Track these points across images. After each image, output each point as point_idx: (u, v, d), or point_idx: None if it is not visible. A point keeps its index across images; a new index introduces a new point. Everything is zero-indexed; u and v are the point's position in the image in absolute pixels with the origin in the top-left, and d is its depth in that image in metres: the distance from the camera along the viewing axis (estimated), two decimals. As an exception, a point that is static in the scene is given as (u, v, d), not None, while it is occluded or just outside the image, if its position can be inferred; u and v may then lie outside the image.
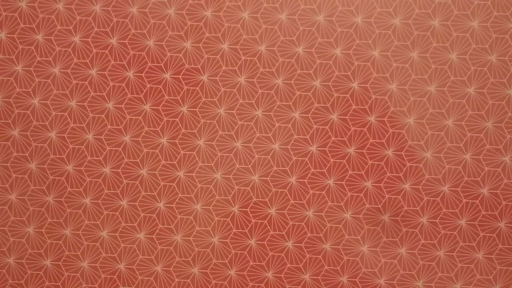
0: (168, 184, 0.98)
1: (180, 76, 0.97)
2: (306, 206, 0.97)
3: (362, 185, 0.96)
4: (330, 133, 0.96)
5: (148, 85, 0.97)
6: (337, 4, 0.96)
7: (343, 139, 0.96)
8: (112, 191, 0.98)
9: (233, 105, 0.97)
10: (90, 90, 0.98)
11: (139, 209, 0.98)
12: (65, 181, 0.98)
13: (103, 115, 0.98)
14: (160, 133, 0.97)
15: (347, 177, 0.96)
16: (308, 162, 0.97)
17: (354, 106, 0.96)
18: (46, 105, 0.98)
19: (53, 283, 0.99)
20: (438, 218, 0.96)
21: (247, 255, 0.98)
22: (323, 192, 0.97)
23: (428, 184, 0.96)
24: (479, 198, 0.96)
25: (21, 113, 0.98)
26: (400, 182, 0.96)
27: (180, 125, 0.97)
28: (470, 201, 0.96)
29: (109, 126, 0.98)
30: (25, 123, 0.98)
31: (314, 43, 0.96)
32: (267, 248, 0.98)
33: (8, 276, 0.99)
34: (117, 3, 0.97)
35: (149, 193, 0.98)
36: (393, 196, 0.96)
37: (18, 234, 0.99)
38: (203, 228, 0.98)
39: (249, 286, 0.98)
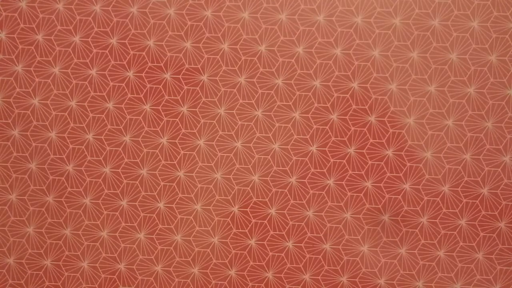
0: (168, 184, 0.98)
1: (180, 76, 0.97)
2: (306, 206, 0.97)
3: (362, 185, 0.96)
4: (330, 133, 0.96)
5: (148, 85, 0.97)
6: (337, 4, 0.96)
7: (343, 139, 0.96)
8: (112, 191, 0.98)
9: (233, 105, 0.97)
10: (90, 90, 0.98)
11: (139, 209, 0.98)
12: (65, 181, 0.98)
13: (103, 115, 0.98)
14: (160, 133, 0.97)
15: (347, 177, 0.96)
16: (308, 162, 0.97)
17: (354, 106, 0.96)
18: (46, 105, 0.98)
19: (53, 283, 0.99)
20: (438, 218, 0.96)
21: (247, 255, 0.98)
22: (323, 192, 0.97)
23: (428, 184, 0.96)
24: (479, 198, 0.96)
25: (21, 113, 0.98)
26: (400, 182, 0.96)
27: (180, 125, 0.97)
28: (470, 201, 0.96)
29: (109, 126, 0.98)
30: (25, 123, 0.98)
31: (314, 43, 0.96)
32: (267, 248, 0.98)
33: (8, 276, 0.99)
34: (117, 3, 0.97)
35: (149, 193, 0.98)
36: (393, 196, 0.96)
37: (18, 234, 0.99)
38: (203, 228, 0.98)
39: (249, 286, 0.98)
